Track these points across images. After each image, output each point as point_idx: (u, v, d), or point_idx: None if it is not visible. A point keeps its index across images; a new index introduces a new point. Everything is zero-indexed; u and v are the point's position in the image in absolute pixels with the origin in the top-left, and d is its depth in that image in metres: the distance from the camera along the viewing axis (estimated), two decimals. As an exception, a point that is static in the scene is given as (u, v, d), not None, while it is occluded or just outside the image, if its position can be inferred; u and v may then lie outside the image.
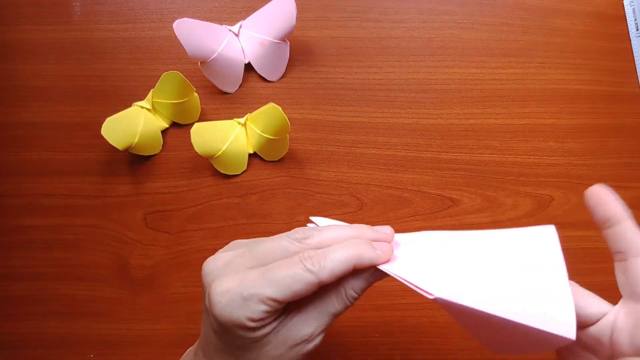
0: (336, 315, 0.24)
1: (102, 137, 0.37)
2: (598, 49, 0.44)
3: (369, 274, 0.24)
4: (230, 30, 0.42)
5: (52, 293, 0.41)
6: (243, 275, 0.22)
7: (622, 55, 0.44)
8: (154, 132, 0.41)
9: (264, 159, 0.42)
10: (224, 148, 0.40)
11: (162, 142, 0.42)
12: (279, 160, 0.42)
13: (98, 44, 0.44)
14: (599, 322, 0.23)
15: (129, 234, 0.41)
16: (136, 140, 0.39)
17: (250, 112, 0.41)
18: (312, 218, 0.28)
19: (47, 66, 0.43)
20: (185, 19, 0.38)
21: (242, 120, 0.41)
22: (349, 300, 0.24)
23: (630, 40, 0.45)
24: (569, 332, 0.20)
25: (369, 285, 0.24)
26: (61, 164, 0.42)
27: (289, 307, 0.23)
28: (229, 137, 0.40)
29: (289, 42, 0.42)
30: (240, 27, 0.42)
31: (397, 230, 0.41)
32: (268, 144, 0.41)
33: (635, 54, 0.44)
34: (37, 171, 0.42)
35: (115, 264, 0.41)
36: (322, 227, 0.25)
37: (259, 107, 0.40)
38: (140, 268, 0.41)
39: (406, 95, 0.43)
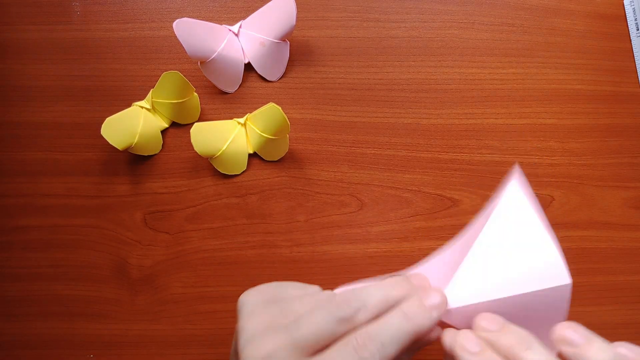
0: None
1: (101, 137, 0.37)
2: (598, 48, 0.44)
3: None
4: (230, 30, 0.42)
5: (51, 293, 0.41)
6: None
7: (622, 55, 0.44)
8: (153, 132, 0.41)
9: (264, 159, 0.42)
10: (223, 148, 0.40)
11: (161, 142, 0.42)
12: (279, 160, 0.42)
13: (98, 44, 0.44)
14: None
15: (128, 234, 0.41)
16: (136, 140, 0.39)
17: (250, 112, 0.41)
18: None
19: (46, 66, 0.43)
20: (185, 19, 0.38)
21: (242, 120, 0.41)
22: None
23: (630, 40, 0.45)
24: (563, 279, 0.21)
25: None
26: (60, 164, 0.42)
27: None
28: (228, 137, 0.40)
29: (289, 42, 0.42)
30: (240, 27, 0.42)
31: (396, 231, 0.41)
32: (268, 144, 0.41)
33: (635, 54, 0.44)
34: (36, 171, 0.42)
35: (114, 264, 0.41)
36: (363, 290, 0.22)
37: (259, 107, 0.40)
38: (140, 268, 0.41)
39: (406, 95, 0.43)
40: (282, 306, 0.23)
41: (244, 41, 0.42)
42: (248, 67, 0.43)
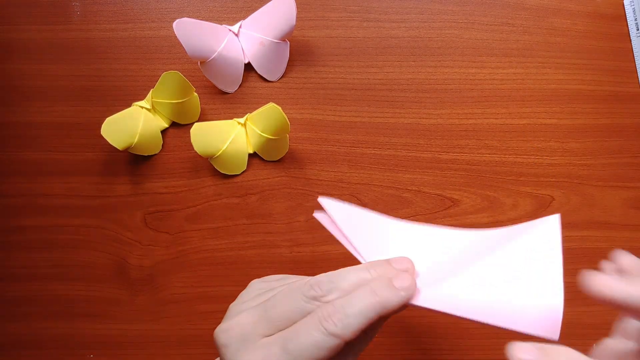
0: (360, 353, 0.24)
1: (101, 137, 0.37)
2: (598, 49, 0.44)
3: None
4: (230, 30, 0.42)
5: (51, 294, 0.41)
6: (264, 352, 0.21)
7: (622, 55, 0.44)
8: (153, 132, 0.41)
9: (264, 159, 0.42)
10: (223, 148, 0.40)
11: (161, 142, 0.42)
12: (278, 160, 0.42)
13: (98, 44, 0.44)
14: None
15: (128, 234, 0.41)
16: (136, 140, 0.39)
17: (250, 112, 0.41)
18: (320, 200, 0.27)
19: (47, 66, 0.43)
20: (185, 19, 0.38)
21: (242, 120, 0.41)
22: (371, 339, 0.23)
23: (630, 40, 0.44)
24: (553, 332, 0.20)
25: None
26: (60, 164, 0.42)
27: None
28: (228, 137, 0.40)
29: (289, 42, 0.42)
30: (240, 27, 0.42)
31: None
32: (268, 143, 0.41)
33: (635, 54, 0.44)
34: (36, 171, 0.42)
35: (114, 264, 0.41)
36: (338, 274, 0.23)
37: (259, 107, 0.40)
38: (140, 268, 0.41)
39: (406, 95, 0.43)
40: (269, 291, 0.24)
41: (244, 41, 0.42)
42: (248, 67, 0.43)
